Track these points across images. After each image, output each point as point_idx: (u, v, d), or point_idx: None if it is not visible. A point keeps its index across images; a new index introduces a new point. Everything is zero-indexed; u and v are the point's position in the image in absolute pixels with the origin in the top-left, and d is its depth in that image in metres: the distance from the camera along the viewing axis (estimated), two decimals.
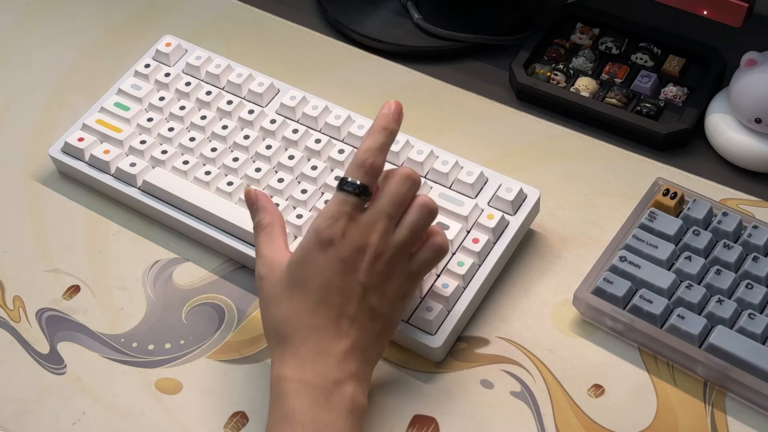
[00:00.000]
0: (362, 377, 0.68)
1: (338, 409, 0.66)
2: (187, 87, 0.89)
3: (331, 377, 0.66)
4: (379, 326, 0.70)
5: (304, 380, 0.66)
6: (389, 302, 0.69)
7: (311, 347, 0.67)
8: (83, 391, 0.76)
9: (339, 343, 0.67)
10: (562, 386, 0.74)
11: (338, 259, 0.68)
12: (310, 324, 0.68)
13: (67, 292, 0.82)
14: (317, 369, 0.67)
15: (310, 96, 0.88)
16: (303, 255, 0.69)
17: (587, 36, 0.94)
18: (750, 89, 0.83)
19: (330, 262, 0.68)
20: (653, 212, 0.79)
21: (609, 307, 0.76)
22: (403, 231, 0.69)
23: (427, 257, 0.71)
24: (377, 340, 0.70)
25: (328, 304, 0.68)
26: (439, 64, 0.96)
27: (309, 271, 0.68)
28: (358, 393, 0.67)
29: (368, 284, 0.68)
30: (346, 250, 0.68)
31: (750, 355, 0.72)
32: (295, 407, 0.66)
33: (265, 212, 0.73)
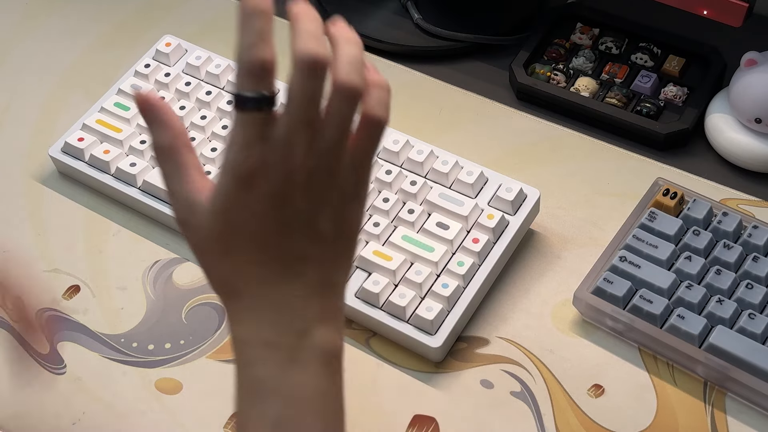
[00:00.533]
0: (329, 315, 0.59)
1: (309, 365, 0.57)
2: (187, 87, 0.89)
3: (294, 329, 0.57)
4: (337, 247, 0.59)
5: (266, 340, 0.57)
6: (340, 215, 0.58)
7: (266, 301, 0.58)
8: (83, 391, 0.76)
9: (294, 287, 0.58)
10: (562, 386, 0.74)
11: (268, 194, 0.56)
12: (258, 274, 0.57)
13: (67, 292, 0.82)
14: (277, 325, 0.57)
15: None
16: (225, 200, 0.57)
17: (587, 36, 0.94)
18: (750, 89, 0.83)
19: (259, 201, 0.56)
20: (653, 212, 0.79)
21: (609, 307, 0.76)
22: (329, 131, 0.56)
23: (364, 141, 0.58)
24: (337, 263, 0.59)
25: (270, 248, 0.57)
26: (439, 64, 0.96)
27: (239, 217, 0.57)
28: (327, 335, 0.58)
29: (311, 209, 0.57)
30: (273, 182, 0.56)
31: (750, 355, 0.72)
32: (262, 375, 0.57)
33: (163, 128, 0.59)
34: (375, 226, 0.79)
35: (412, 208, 0.80)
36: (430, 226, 0.79)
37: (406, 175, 0.82)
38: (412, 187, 0.81)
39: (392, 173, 0.82)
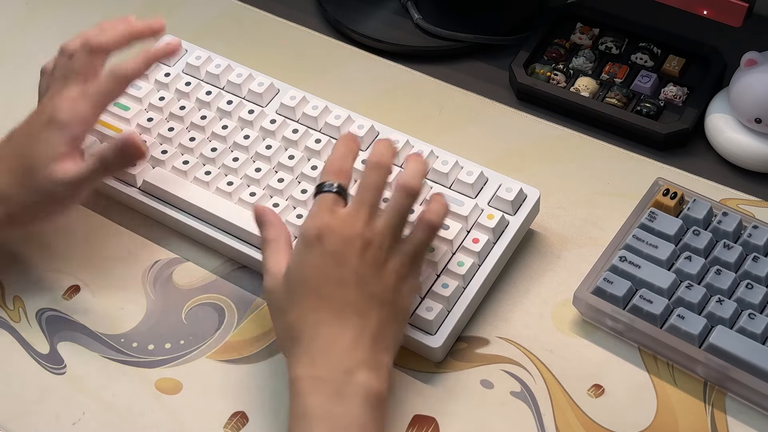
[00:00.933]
0: (375, 364, 0.68)
1: (352, 400, 0.66)
2: (187, 87, 0.89)
3: (341, 368, 0.67)
4: (386, 312, 0.70)
5: (316, 376, 0.67)
6: (390, 287, 0.70)
7: (319, 343, 0.68)
8: (83, 391, 0.76)
9: (345, 332, 0.68)
10: (562, 386, 0.74)
11: (329, 252, 0.69)
12: (314, 320, 0.68)
13: (67, 292, 0.82)
14: (327, 363, 0.67)
15: (310, 96, 0.88)
16: (296, 258, 0.70)
17: (587, 36, 0.95)
18: (750, 89, 0.83)
19: (322, 258, 0.69)
20: (653, 212, 0.79)
21: (609, 307, 0.76)
22: (386, 214, 0.71)
23: (419, 236, 0.72)
24: (387, 325, 0.70)
25: (329, 298, 0.69)
26: (439, 64, 0.96)
27: (305, 271, 0.69)
28: (371, 379, 0.67)
29: (363, 272, 0.69)
30: (334, 243, 0.69)
31: (750, 355, 0.72)
32: (309, 403, 0.66)
33: (271, 227, 0.74)
34: None
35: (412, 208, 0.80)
36: None
37: None
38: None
39: (392, 173, 0.81)
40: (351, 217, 0.70)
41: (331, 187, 0.71)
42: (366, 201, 0.71)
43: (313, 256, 0.69)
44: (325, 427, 0.65)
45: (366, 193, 0.71)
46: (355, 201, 0.71)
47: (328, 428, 0.65)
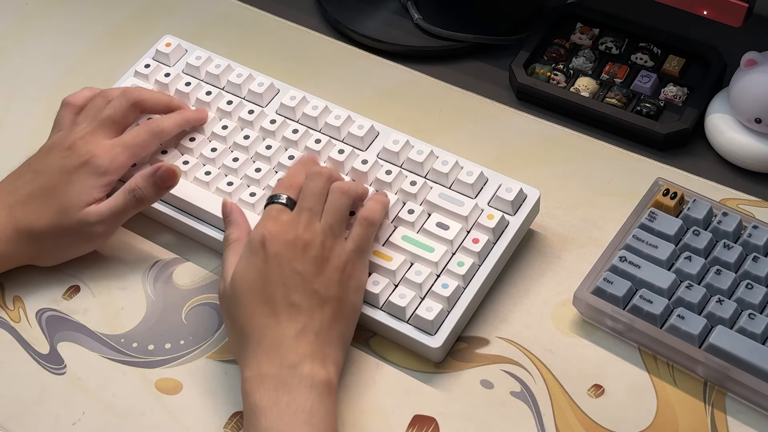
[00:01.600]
0: (320, 356, 0.70)
1: (297, 388, 0.68)
2: (187, 87, 0.89)
3: (286, 363, 0.69)
4: (331, 309, 0.72)
5: (261, 374, 0.69)
6: (334, 284, 0.72)
7: (265, 343, 0.70)
8: (83, 391, 0.76)
9: (286, 329, 0.70)
10: (562, 386, 0.74)
11: (272, 256, 0.72)
12: (260, 322, 0.71)
13: (67, 292, 0.82)
14: (272, 360, 0.69)
15: (310, 96, 0.88)
16: (241, 264, 0.73)
17: (587, 36, 0.94)
18: (750, 89, 0.83)
19: (265, 262, 0.72)
20: (653, 212, 0.79)
21: (609, 307, 0.76)
22: (325, 216, 0.74)
23: (358, 231, 0.75)
24: (333, 321, 0.72)
25: (273, 300, 0.71)
26: (439, 64, 0.96)
27: (249, 276, 0.72)
28: (317, 369, 0.69)
29: (304, 271, 0.72)
30: (276, 246, 0.72)
31: (750, 355, 0.72)
32: (257, 399, 0.68)
33: (235, 226, 0.77)
34: None
35: (412, 208, 0.80)
36: (430, 226, 0.79)
37: (406, 175, 0.82)
38: (412, 187, 0.81)
39: (392, 173, 0.82)
40: (292, 221, 0.74)
41: (280, 199, 0.75)
42: (306, 206, 0.74)
43: (256, 261, 0.72)
44: (272, 417, 0.67)
45: (305, 200, 0.75)
46: (297, 207, 0.75)
47: (275, 417, 0.67)
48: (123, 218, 0.80)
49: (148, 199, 0.80)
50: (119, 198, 0.79)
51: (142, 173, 0.79)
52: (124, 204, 0.79)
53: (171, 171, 0.80)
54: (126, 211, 0.79)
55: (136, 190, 0.79)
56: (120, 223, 0.80)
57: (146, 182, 0.79)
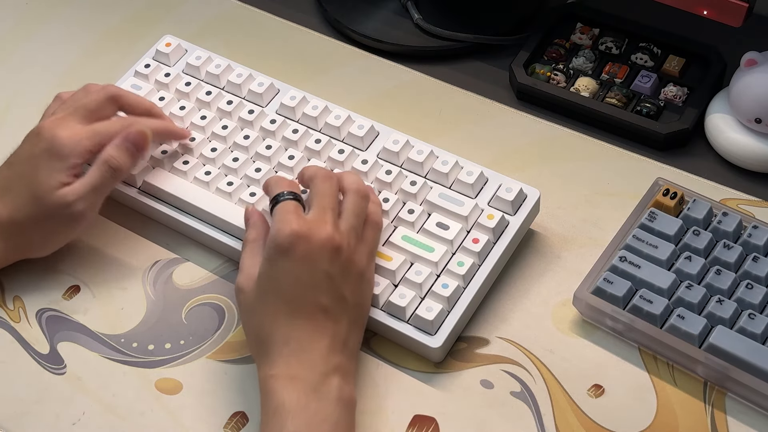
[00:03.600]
0: (347, 370, 0.70)
1: (327, 398, 0.67)
2: (187, 87, 0.89)
3: (318, 370, 0.68)
4: (354, 315, 0.72)
5: (292, 375, 0.68)
6: (356, 288, 0.72)
7: (294, 345, 0.69)
8: (83, 391, 0.76)
9: (320, 337, 0.69)
10: (562, 386, 0.74)
11: (302, 257, 0.70)
12: (288, 324, 0.70)
13: (67, 292, 0.82)
14: (303, 364, 0.68)
15: (310, 96, 0.88)
16: (268, 264, 0.71)
17: (587, 36, 0.95)
18: (750, 89, 0.83)
19: (295, 263, 0.70)
20: (653, 212, 0.79)
21: (609, 307, 0.76)
22: (348, 217, 0.73)
23: (372, 235, 0.75)
24: (355, 326, 0.72)
25: (302, 301, 0.70)
26: (439, 64, 0.96)
27: (277, 275, 0.70)
28: (344, 385, 0.69)
29: (334, 273, 0.70)
30: (307, 248, 0.70)
31: (750, 355, 0.72)
32: (284, 399, 0.67)
33: (253, 228, 0.75)
34: None
35: (412, 208, 0.80)
36: (430, 226, 0.79)
37: (406, 175, 0.82)
38: (412, 187, 0.81)
39: (392, 173, 0.82)
40: (319, 221, 0.71)
41: (287, 196, 0.73)
42: (328, 206, 0.73)
43: (286, 262, 0.70)
44: (300, 422, 0.66)
45: (325, 198, 0.73)
46: (317, 207, 0.73)
47: (303, 422, 0.66)
48: (102, 192, 0.78)
49: (123, 166, 0.78)
50: (94, 172, 0.78)
51: (113, 143, 0.78)
52: (100, 176, 0.77)
53: (141, 133, 0.79)
54: (104, 184, 0.78)
55: (109, 160, 0.78)
56: (101, 198, 0.78)
57: (118, 150, 0.78)
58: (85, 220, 0.78)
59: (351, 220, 0.73)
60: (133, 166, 0.80)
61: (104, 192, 0.79)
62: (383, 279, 0.77)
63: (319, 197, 0.73)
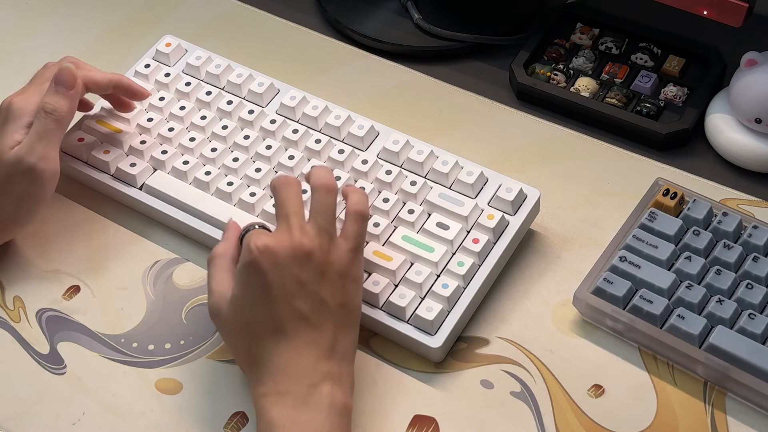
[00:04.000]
0: (338, 376, 0.69)
1: (317, 407, 0.67)
2: (187, 87, 0.89)
3: (306, 382, 0.67)
4: (339, 317, 0.70)
5: (280, 391, 0.67)
6: (338, 288, 0.70)
7: (279, 362, 0.68)
8: (83, 391, 0.76)
9: (306, 350, 0.68)
10: (562, 386, 0.74)
11: (271, 269, 0.68)
12: (272, 341, 0.68)
13: (67, 292, 0.82)
14: (290, 378, 0.67)
15: (310, 96, 0.88)
16: (240, 283, 0.69)
17: (587, 36, 0.95)
18: (750, 89, 0.83)
19: (264, 277, 0.68)
20: (653, 212, 0.79)
21: (609, 307, 0.76)
22: (314, 217, 0.70)
23: (355, 228, 0.72)
24: (342, 331, 0.70)
25: (281, 315, 0.68)
26: (439, 64, 0.96)
27: (251, 295, 0.69)
28: (335, 390, 0.68)
29: (308, 279, 0.68)
30: (274, 259, 0.68)
31: (750, 355, 0.72)
32: (274, 417, 0.66)
33: (224, 242, 0.74)
34: (375, 226, 0.79)
35: (412, 208, 0.80)
36: (430, 226, 0.79)
37: (406, 175, 0.82)
38: (412, 187, 0.81)
39: (392, 173, 0.82)
40: (283, 231, 0.70)
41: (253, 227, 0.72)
42: (290, 212, 0.70)
43: (255, 280, 0.68)
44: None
45: (285, 206, 0.71)
46: (280, 217, 0.71)
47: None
48: (49, 140, 0.78)
49: (57, 106, 0.79)
50: (35, 122, 0.78)
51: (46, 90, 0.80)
52: (40, 124, 0.78)
53: (66, 70, 0.79)
54: (47, 130, 0.78)
55: (44, 105, 0.78)
56: (50, 147, 0.78)
57: (49, 93, 0.79)
58: (45, 174, 0.78)
59: (319, 220, 0.70)
60: (69, 105, 0.79)
61: (50, 139, 0.78)
62: (383, 279, 0.77)
63: (279, 207, 0.71)
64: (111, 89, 0.84)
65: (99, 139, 0.87)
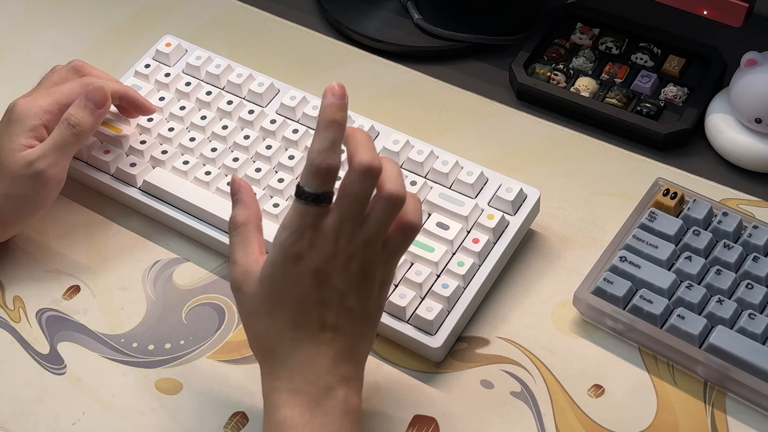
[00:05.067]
0: (353, 378, 0.68)
1: (332, 412, 0.66)
2: (187, 87, 0.89)
3: (322, 384, 0.66)
4: (363, 323, 0.68)
5: (295, 389, 0.66)
6: (368, 297, 0.68)
7: (297, 359, 0.66)
8: (83, 391, 0.76)
9: (325, 351, 0.67)
10: (562, 386, 0.74)
11: (310, 271, 0.66)
12: (293, 337, 0.67)
13: (67, 292, 0.82)
14: (307, 377, 0.66)
15: (310, 96, 0.88)
16: (274, 271, 0.66)
17: (587, 36, 0.95)
18: (750, 89, 0.83)
19: (302, 276, 0.66)
20: (653, 212, 0.79)
21: (609, 307, 0.76)
22: (369, 228, 0.66)
23: (402, 240, 0.68)
24: (363, 336, 0.69)
25: (308, 317, 0.66)
26: (439, 64, 0.96)
27: (283, 286, 0.66)
28: (350, 394, 0.67)
29: (345, 288, 0.66)
30: (316, 261, 0.65)
31: (750, 355, 0.72)
32: (287, 415, 0.65)
33: (242, 207, 0.70)
34: None
35: None
36: (430, 226, 0.79)
37: (406, 175, 0.82)
38: (412, 187, 0.81)
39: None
40: (335, 231, 0.65)
41: (314, 197, 0.65)
42: (350, 216, 0.66)
43: (293, 272, 0.66)
44: None
45: (350, 206, 0.66)
46: (340, 214, 0.66)
47: None
48: (64, 150, 0.79)
49: (82, 121, 0.79)
50: (56, 131, 0.79)
51: (74, 103, 0.80)
52: (60, 134, 0.78)
53: (98, 88, 0.80)
54: (65, 142, 0.78)
55: (69, 117, 0.79)
56: (64, 157, 0.79)
57: (76, 107, 0.79)
58: (51, 182, 0.79)
59: (372, 230, 0.66)
60: (94, 122, 0.80)
61: (66, 150, 0.79)
62: None
63: (345, 203, 0.66)
64: (117, 100, 0.84)
65: (99, 139, 0.87)
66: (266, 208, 0.81)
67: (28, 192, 0.78)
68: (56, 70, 0.84)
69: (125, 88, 0.84)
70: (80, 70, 0.83)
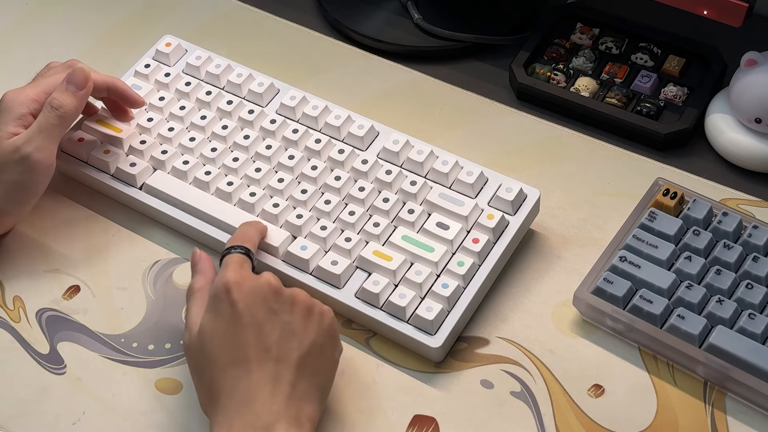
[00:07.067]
0: (295, 414, 0.66)
1: None
2: (187, 87, 0.89)
3: (259, 423, 0.65)
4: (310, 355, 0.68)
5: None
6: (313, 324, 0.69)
7: (236, 400, 0.66)
8: (83, 391, 0.76)
9: (263, 384, 0.67)
10: (562, 386, 0.74)
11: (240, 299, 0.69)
12: (231, 374, 0.67)
13: (67, 292, 0.82)
14: (244, 419, 0.66)
15: (310, 96, 0.88)
16: (208, 314, 0.69)
17: (587, 36, 0.95)
18: (750, 89, 0.83)
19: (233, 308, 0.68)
20: (653, 212, 0.79)
21: (609, 307, 0.76)
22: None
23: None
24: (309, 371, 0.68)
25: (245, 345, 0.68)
26: (439, 64, 0.96)
27: (217, 325, 0.69)
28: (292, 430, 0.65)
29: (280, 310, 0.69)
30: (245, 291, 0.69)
31: (750, 355, 0.72)
32: None
33: (199, 276, 0.74)
34: (375, 226, 0.79)
35: (412, 208, 0.80)
36: (430, 226, 0.79)
37: (406, 175, 0.82)
38: (412, 187, 0.81)
39: (392, 173, 0.82)
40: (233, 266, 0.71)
41: (238, 249, 0.73)
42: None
43: (223, 308, 0.68)
44: None
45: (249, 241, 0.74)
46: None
47: None
48: (50, 134, 0.79)
49: (65, 104, 0.79)
50: (40, 116, 0.79)
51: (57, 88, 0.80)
52: (44, 118, 0.79)
53: (79, 70, 0.80)
54: (50, 125, 0.79)
55: (52, 101, 0.79)
56: (50, 141, 0.79)
57: (58, 90, 0.80)
58: (39, 166, 0.79)
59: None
60: (77, 104, 0.80)
61: (51, 134, 0.79)
62: (383, 279, 0.77)
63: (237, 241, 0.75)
64: (105, 92, 0.84)
65: (99, 139, 0.87)
66: (266, 208, 0.81)
67: (18, 177, 0.79)
68: (51, 67, 0.84)
69: (113, 79, 0.84)
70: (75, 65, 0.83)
